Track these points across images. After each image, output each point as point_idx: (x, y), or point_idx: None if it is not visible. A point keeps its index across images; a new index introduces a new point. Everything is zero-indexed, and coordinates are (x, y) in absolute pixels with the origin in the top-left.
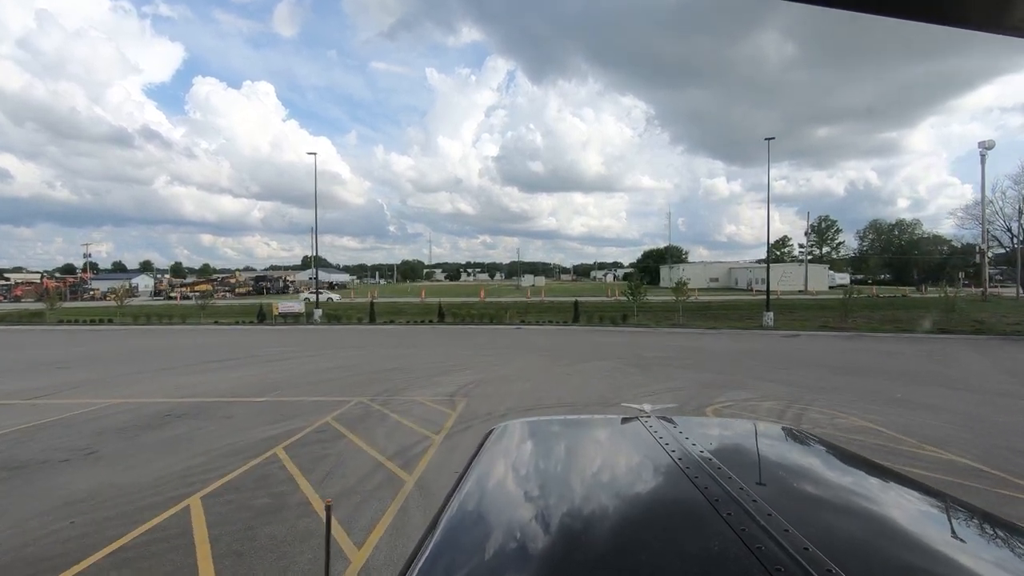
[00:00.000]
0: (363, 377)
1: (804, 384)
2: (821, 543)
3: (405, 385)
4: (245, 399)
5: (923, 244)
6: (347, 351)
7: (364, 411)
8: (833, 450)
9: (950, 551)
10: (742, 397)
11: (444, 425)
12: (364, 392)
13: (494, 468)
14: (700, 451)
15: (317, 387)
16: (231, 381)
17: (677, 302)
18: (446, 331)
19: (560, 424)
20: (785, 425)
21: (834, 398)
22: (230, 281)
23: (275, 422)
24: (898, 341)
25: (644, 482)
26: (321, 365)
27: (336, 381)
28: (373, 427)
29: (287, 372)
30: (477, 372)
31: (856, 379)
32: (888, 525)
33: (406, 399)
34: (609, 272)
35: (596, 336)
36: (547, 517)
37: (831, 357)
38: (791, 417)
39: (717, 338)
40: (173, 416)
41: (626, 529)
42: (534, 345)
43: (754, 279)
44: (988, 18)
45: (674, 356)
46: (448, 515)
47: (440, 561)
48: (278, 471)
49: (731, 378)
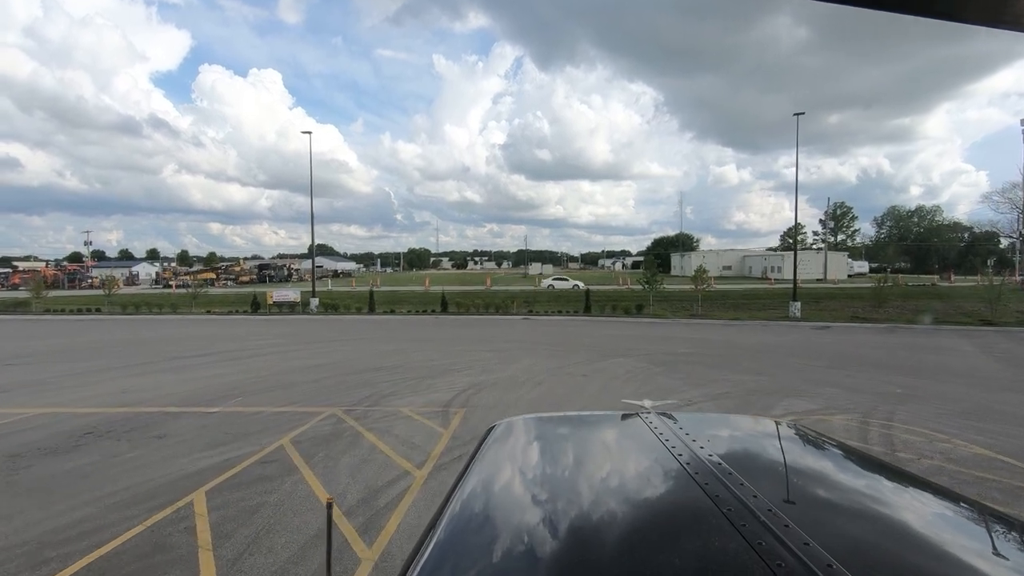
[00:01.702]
0: (346, 378)
1: (869, 389)
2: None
3: (393, 390)
4: (195, 409)
5: (943, 231)
6: (337, 344)
7: (334, 428)
8: (846, 450)
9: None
10: (802, 408)
11: (431, 452)
12: (342, 399)
13: (495, 466)
14: (701, 447)
15: (288, 392)
16: (192, 383)
17: (696, 291)
18: (448, 322)
19: (561, 421)
20: (787, 421)
21: (918, 410)
22: (234, 269)
23: (216, 445)
24: (945, 334)
25: (646, 482)
26: (303, 362)
27: (313, 384)
28: (338, 455)
29: (261, 371)
30: (479, 372)
31: (929, 383)
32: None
33: (390, 410)
34: (617, 260)
35: (610, 328)
36: (549, 517)
37: (882, 354)
38: (877, 439)
39: (744, 330)
40: (95, 435)
41: (629, 532)
42: (543, 339)
43: (769, 267)
44: (986, 13)
45: (703, 352)
46: (449, 514)
47: (441, 560)
48: (181, 540)
49: (778, 382)
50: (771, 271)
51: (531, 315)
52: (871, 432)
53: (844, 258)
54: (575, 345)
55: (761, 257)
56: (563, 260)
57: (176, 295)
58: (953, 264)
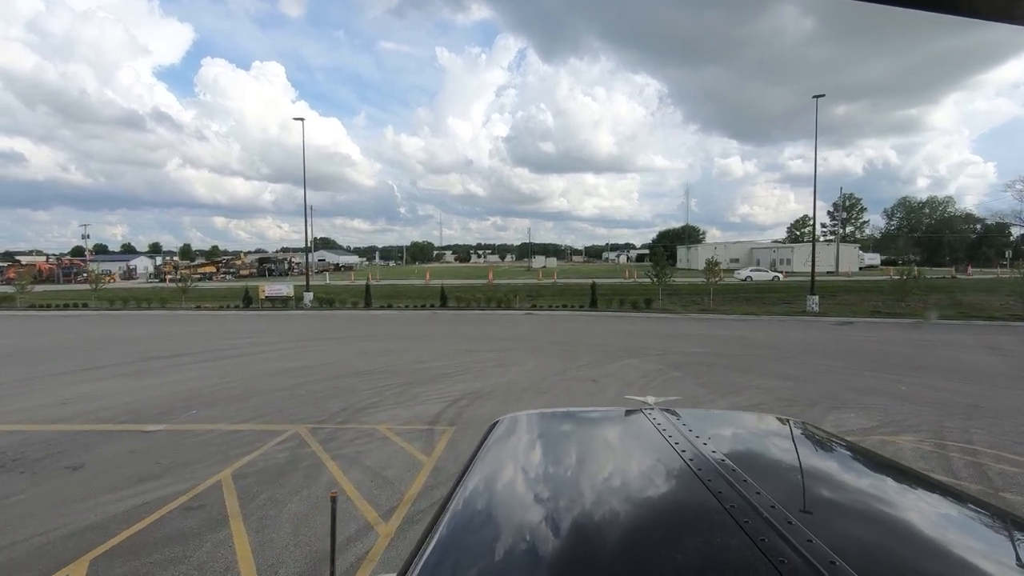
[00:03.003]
0: (324, 385)
1: (924, 398)
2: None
3: (373, 400)
4: (136, 426)
5: (955, 223)
6: (323, 343)
7: (291, 455)
8: (849, 448)
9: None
10: (855, 424)
11: (405, 493)
12: (313, 412)
13: (498, 462)
14: (705, 444)
15: (254, 402)
16: (149, 391)
17: (708, 284)
18: (447, 318)
19: (564, 417)
20: (789, 418)
21: (997, 428)
22: (235, 263)
23: (138, 481)
24: (980, 330)
25: (650, 479)
26: (282, 364)
27: (286, 392)
28: (286, 498)
29: (232, 375)
30: (475, 378)
31: (992, 391)
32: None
33: (365, 428)
34: (622, 253)
35: (619, 324)
36: (552, 514)
37: (920, 354)
38: (965, 471)
39: (761, 327)
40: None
41: (632, 529)
42: (548, 336)
43: (778, 259)
44: (997, 9)
45: (722, 352)
46: (451, 511)
47: (443, 557)
48: None
49: (816, 388)
50: (780, 264)
51: (534, 310)
52: (953, 459)
53: (855, 250)
54: (582, 344)
55: (769, 250)
56: (567, 253)
57: (167, 290)
58: (965, 256)
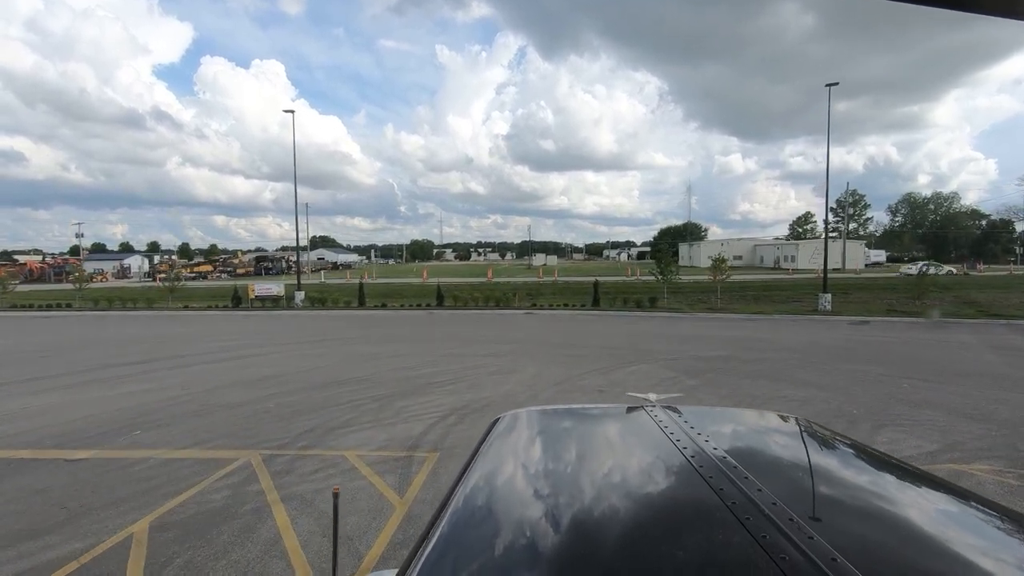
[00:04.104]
0: (295, 398)
1: (987, 415)
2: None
3: (348, 417)
4: (57, 453)
5: (960, 219)
6: (306, 347)
7: (232, 496)
8: (850, 445)
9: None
10: (915, 448)
11: (365, 556)
12: (273, 434)
13: (499, 459)
14: (706, 441)
15: (208, 421)
16: (91, 405)
17: (715, 282)
18: (443, 318)
19: (565, 413)
20: (791, 415)
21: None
22: (232, 262)
23: (26, 536)
24: (1011, 330)
25: (651, 476)
26: (253, 371)
27: (247, 407)
28: (209, 563)
29: (194, 386)
30: (468, 388)
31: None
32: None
33: (331, 456)
34: (622, 251)
35: (624, 324)
36: (553, 511)
37: (960, 358)
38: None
39: (774, 327)
40: None
41: (634, 526)
42: (548, 338)
43: (782, 256)
44: (1000, 4)
45: (739, 356)
46: (452, 507)
47: (444, 554)
48: None
49: (854, 400)
50: (784, 260)
51: (534, 309)
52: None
53: (861, 247)
54: (586, 347)
55: (773, 246)
56: (568, 251)
57: (156, 289)
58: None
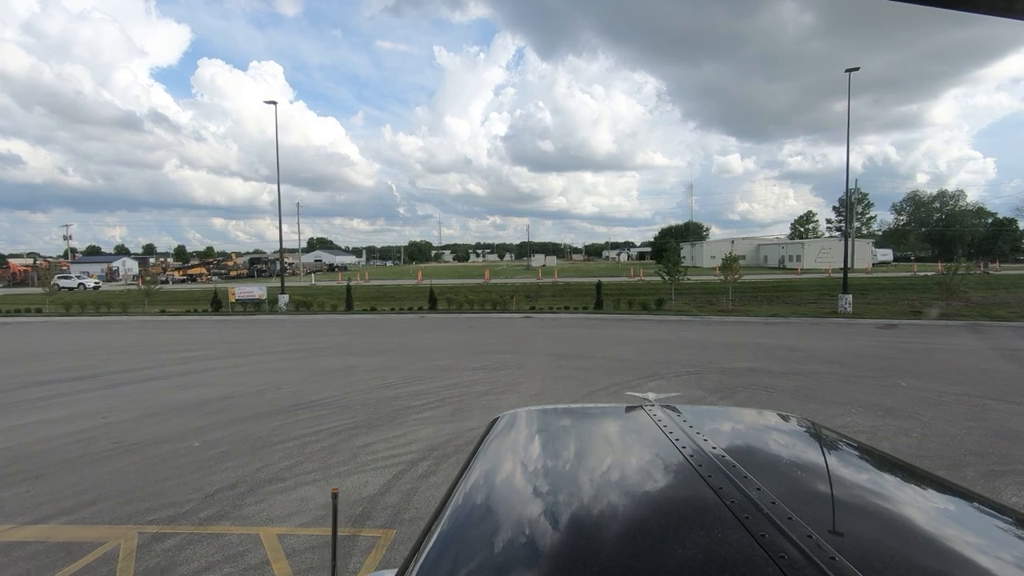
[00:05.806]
0: (230, 432)
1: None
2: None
3: (284, 465)
4: None
5: (966, 217)
6: (273, 358)
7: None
8: (851, 444)
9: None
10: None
11: None
12: (172, 496)
13: (499, 458)
14: (705, 440)
15: (97, 471)
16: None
17: (726, 283)
18: (434, 323)
19: (565, 413)
20: (790, 414)
21: None
22: (226, 264)
23: None
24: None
25: (650, 476)
26: (197, 393)
27: (163, 447)
28: None
29: (113, 415)
30: (451, 415)
31: None
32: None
33: (237, 536)
34: (622, 252)
35: (633, 330)
36: (553, 510)
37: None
38: None
39: (798, 331)
40: None
41: (633, 525)
42: (549, 347)
43: (786, 256)
44: (998, 3)
45: (770, 369)
46: (452, 506)
47: (444, 552)
48: None
49: (935, 432)
50: (789, 260)
51: (533, 312)
52: None
53: (869, 246)
54: (593, 357)
55: (778, 246)
56: (566, 252)
57: (131, 293)
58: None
